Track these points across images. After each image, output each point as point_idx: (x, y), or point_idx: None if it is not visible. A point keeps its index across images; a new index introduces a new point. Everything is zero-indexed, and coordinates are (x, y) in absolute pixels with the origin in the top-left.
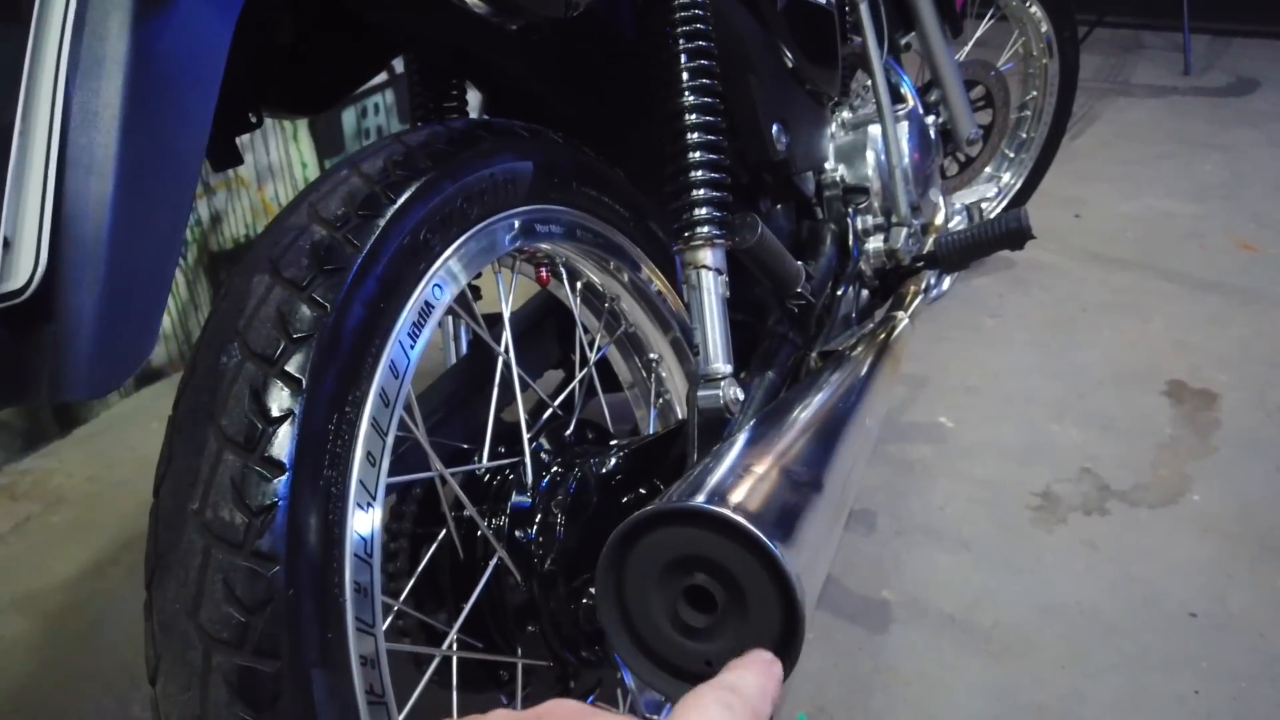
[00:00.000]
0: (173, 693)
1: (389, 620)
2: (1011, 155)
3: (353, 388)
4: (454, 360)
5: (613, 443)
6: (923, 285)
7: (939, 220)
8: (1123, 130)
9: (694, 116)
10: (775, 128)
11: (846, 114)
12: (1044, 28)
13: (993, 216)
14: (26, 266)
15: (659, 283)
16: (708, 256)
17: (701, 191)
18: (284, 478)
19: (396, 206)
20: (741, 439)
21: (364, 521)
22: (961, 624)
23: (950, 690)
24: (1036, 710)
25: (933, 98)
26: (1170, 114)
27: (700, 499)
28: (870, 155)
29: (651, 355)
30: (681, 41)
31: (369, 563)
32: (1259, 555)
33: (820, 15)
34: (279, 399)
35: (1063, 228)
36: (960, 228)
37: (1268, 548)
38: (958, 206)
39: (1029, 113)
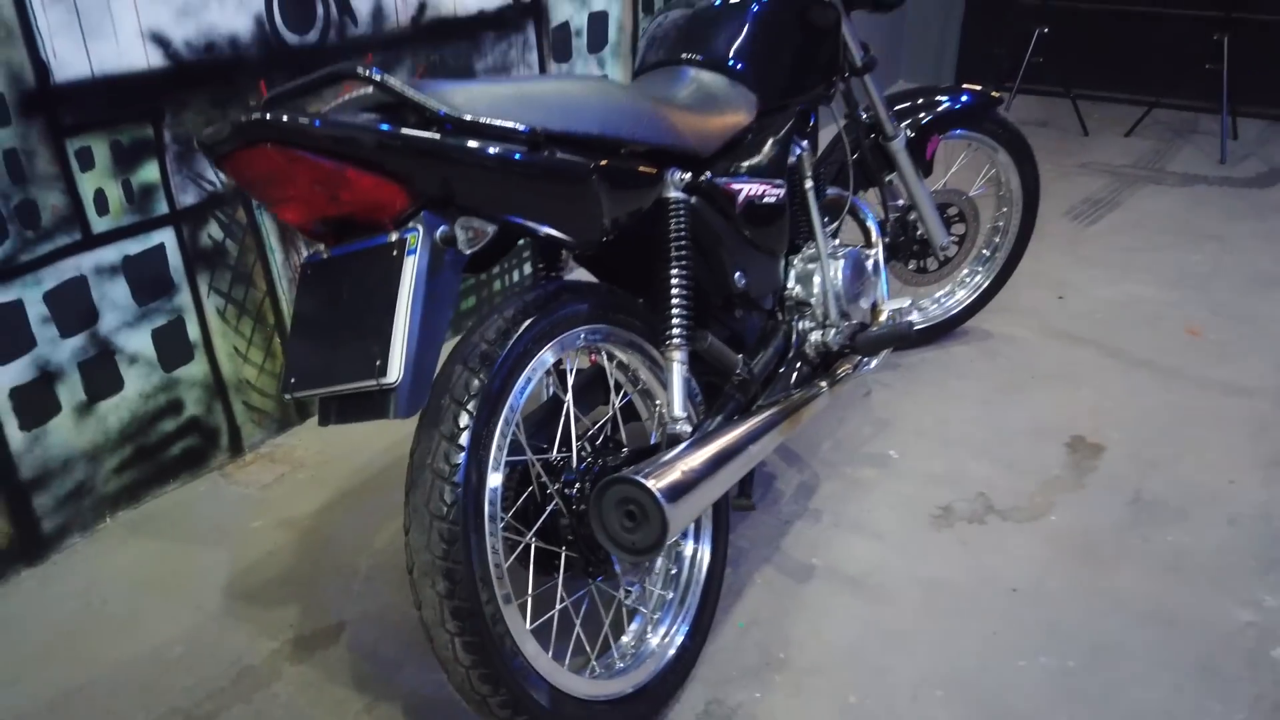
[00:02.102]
0: (415, 537)
1: (504, 520)
2: (986, 256)
3: (494, 415)
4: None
5: (624, 449)
6: (853, 364)
7: (880, 317)
8: (1139, 219)
9: (674, 272)
10: (737, 274)
11: (809, 250)
12: (1006, 161)
13: (888, 323)
14: (395, 374)
15: (661, 362)
16: (674, 354)
17: (675, 315)
18: (464, 453)
19: (517, 334)
20: (673, 451)
21: (495, 477)
22: (857, 582)
23: (836, 617)
24: (886, 634)
25: (911, 217)
26: (1189, 204)
27: (634, 473)
28: (815, 280)
29: (657, 401)
30: (670, 231)
31: (495, 493)
32: (1080, 558)
33: (770, 210)
34: (463, 419)
35: (1044, 307)
36: (875, 328)
37: (1089, 553)
38: (908, 305)
39: (1001, 224)
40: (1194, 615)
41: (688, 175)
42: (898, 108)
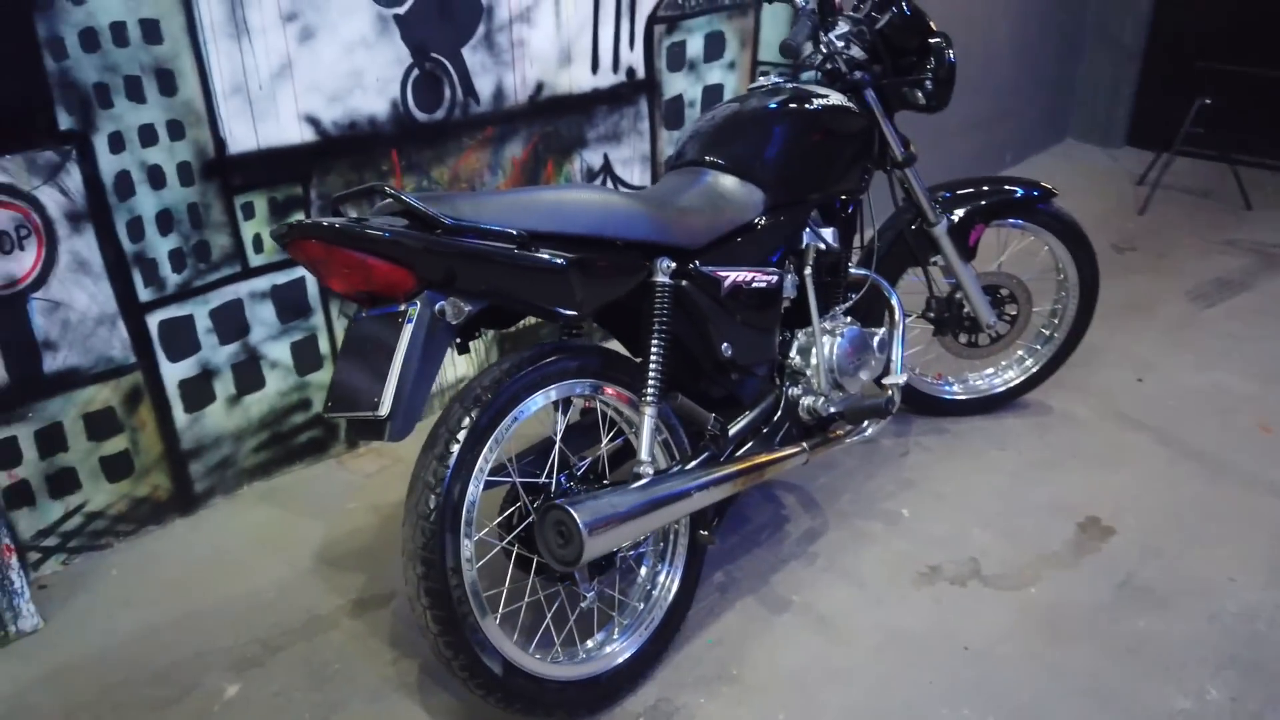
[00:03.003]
0: (405, 530)
1: (483, 532)
2: (1046, 337)
3: (479, 444)
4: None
5: (604, 480)
6: (843, 430)
7: (889, 390)
8: (1262, 305)
9: (654, 343)
10: (724, 345)
11: (816, 326)
12: (1062, 252)
13: (871, 398)
14: (385, 408)
15: None
16: (646, 408)
17: (650, 376)
18: (449, 471)
19: (507, 383)
20: (613, 488)
21: (474, 492)
22: (825, 621)
23: (793, 648)
24: (832, 669)
25: (958, 296)
26: None
27: (569, 502)
28: (812, 353)
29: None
30: (654, 309)
31: (473, 505)
32: (1042, 629)
33: (758, 293)
34: (452, 446)
35: (1118, 388)
36: (858, 400)
37: (1054, 627)
38: (904, 381)
39: (1058, 308)
40: (1130, 696)
41: (673, 264)
42: (949, 194)
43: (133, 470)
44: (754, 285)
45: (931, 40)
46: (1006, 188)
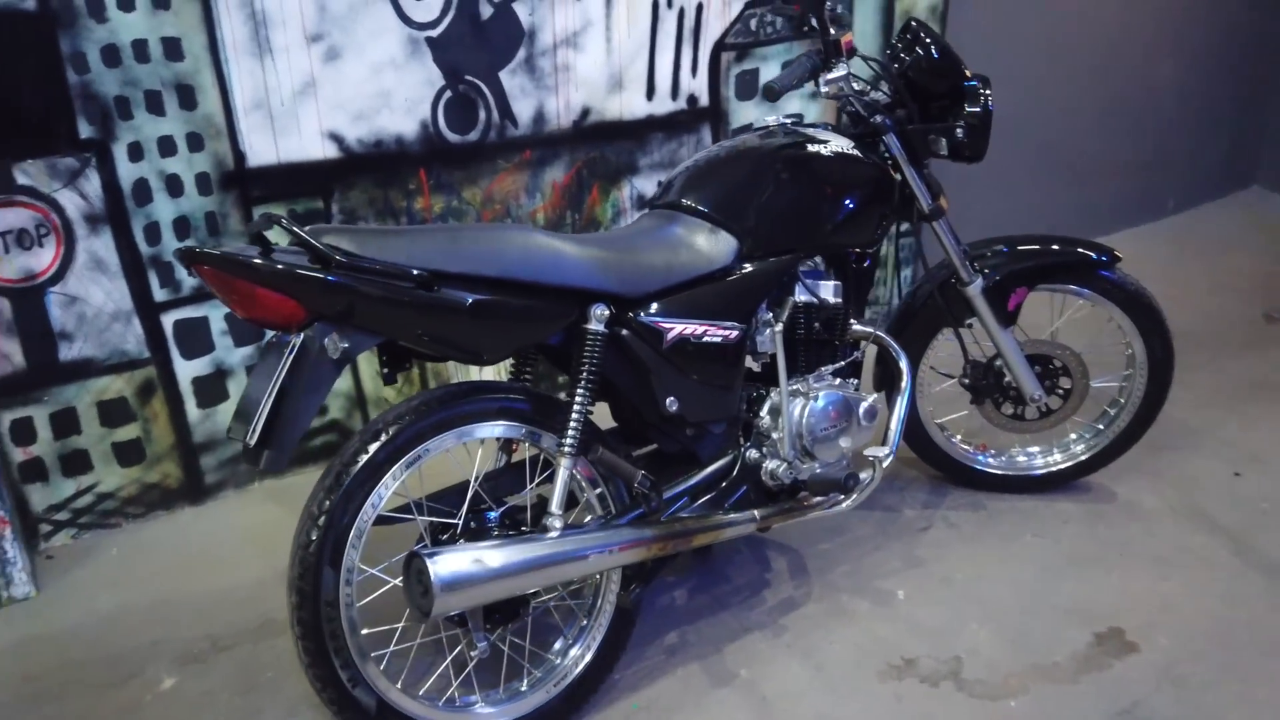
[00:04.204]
0: (290, 557)
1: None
2: (1110, 416)
3: (372, 479)
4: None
5: (523, 530)
6: (810, 502)
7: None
8: None
9: (578, 392)
10: (668, 400)
11: (793, 385)
12: (1127, 325)
13: (833, 468)
14: (254, 438)
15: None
16: (561, 459)
17: (571, 426)
18: (331, 503)
19: (411, 421)
20: (483, 542)
21: (361, 525)
22: (767, 703)
23: None
24: None
25: (998, 363)
26: None
27: (431, 552)
28: (780, 419)
29: (583, 490)
30: (583, 357)
31: (360, 539)
32: None
33: (710, 348)
34: (342, 478)
35: (1209, 480)
36: (820, 470)
37: None
38: (885, 454)
39: (1124, 387)
40: None
41: (607, 312)
42: (994, 251)
43: (144, 457)
44: (705, 339)
45: (966, 85)
46: (1058, 248)
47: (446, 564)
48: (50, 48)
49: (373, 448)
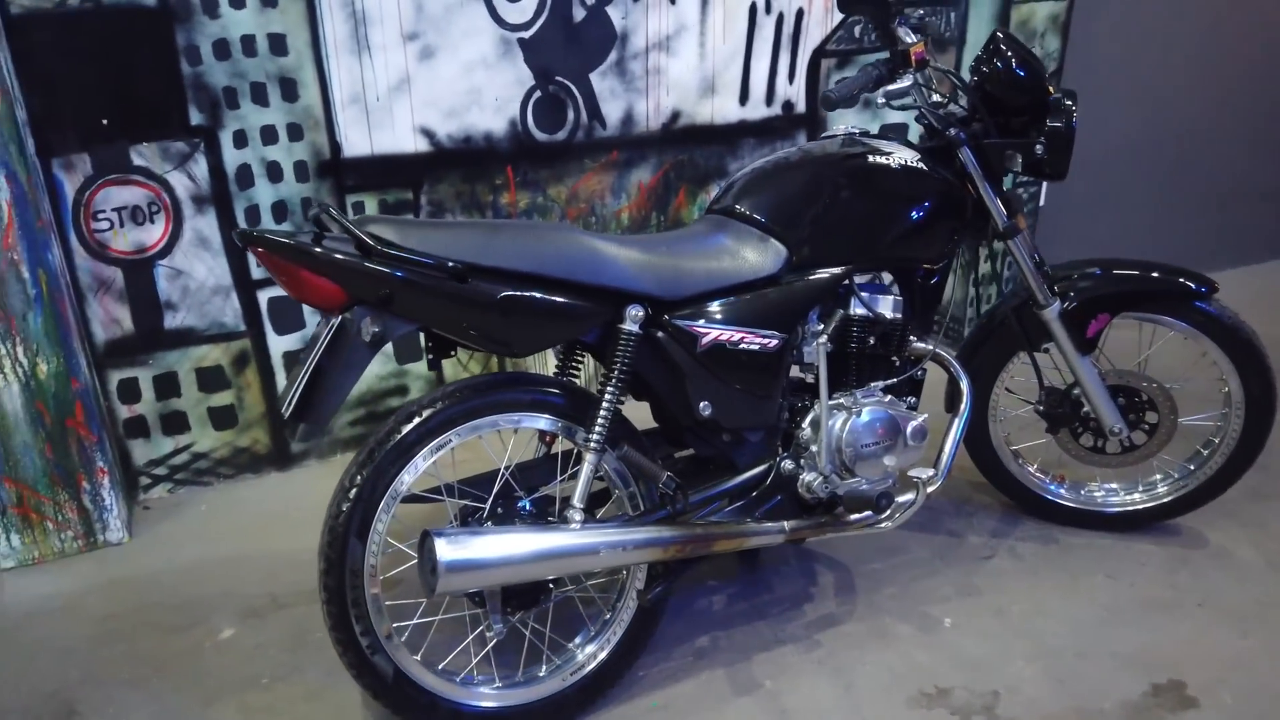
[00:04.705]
0: (323, 526)
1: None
2: (1202, 457)
3: (403, 458)
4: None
5: (549, 519)
6: (851, 517)
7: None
8: None
9: (608, 390)
10: (702, 404)
11: (839, 398)
12: (1223, 361)
13: (869, 486)
14: (287, 409)
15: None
16: (586, 454)
17: (597, 423)
18: (361, 478)
19: (445, 405)
20: (496, 529)
21: (389, 501)
22: (787, 716)
23: None
24: None
25: (1075, 391)
26: None
27: (441, 533)
28: (821, 433)
29: (618, 485)
30: (615, 357)
31: (387, 514)
32: None
33: (746, 355)
34: (375, 455)
35: None
36: (858, 487)
37: None
38: (929, 476)
39: (1220, 427)
40: None
41: (642, 313)
42: (1080, 273)
43: (237, 423)
44: (742, 346)
45: (1049, 100)
46: (1153, 275)
47: (453, 545)
48: (167, 41)
49: (405, 428)
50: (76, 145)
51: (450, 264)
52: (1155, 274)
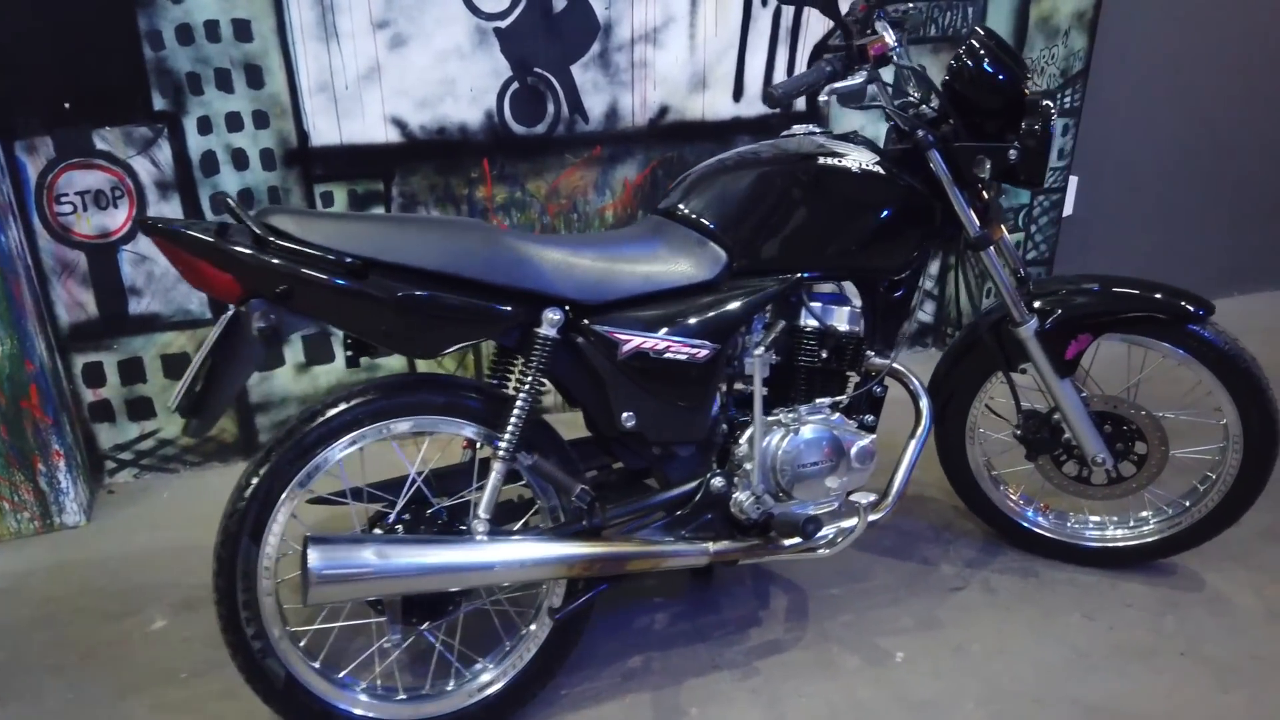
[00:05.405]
0: (223, 513)
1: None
2: (1198, 491)
3: (302, 458)
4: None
5: (461, 528)
6: (784, 541)
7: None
8: None
9: (521, 396)
10: (624, 414)
11: (779, 414)
12: (1219, 391)
13: (793, 512)
14: (173, 404)
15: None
16: (495, 463)
17: (508, 431)
18: (257, 478)
19: (349, 405)
20: (375, 538)
21: (288, 504)
22: None
23: None
24: None
25: (1055, 416)
26: None
27: (317, 540)
28: (754, 450)
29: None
30: (529, 361)
31: (281, 514)
32: None
33: (672, 364)
34: (272, 455)
35: None
36: (787, 509)
37: None
38: (870, 501)
39: (1215, 461)
40: None
41: (559, 317)
42: (1067, 289)
43: None
44: (668, 355)
45: (1025, 102)
46: (1137, 295)
47: (327, 554)
48: (129, 25)
49: (306, 428)
50: (39, 128)
51: (349, 259)
52: (1146, 294)
